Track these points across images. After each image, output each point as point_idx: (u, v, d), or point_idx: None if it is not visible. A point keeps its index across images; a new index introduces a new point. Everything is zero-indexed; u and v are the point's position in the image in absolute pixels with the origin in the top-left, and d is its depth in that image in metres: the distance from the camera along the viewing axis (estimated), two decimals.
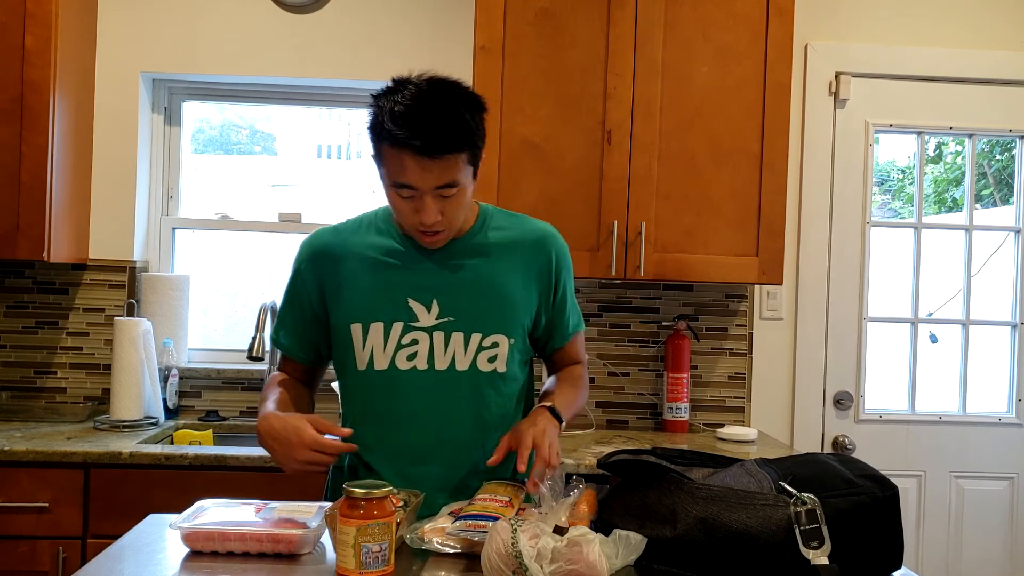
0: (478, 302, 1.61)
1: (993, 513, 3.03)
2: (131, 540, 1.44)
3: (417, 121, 1.44)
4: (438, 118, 1.45)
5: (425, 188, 1.48)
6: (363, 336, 1.61)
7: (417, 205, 1.50)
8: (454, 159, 1.47)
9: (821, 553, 1.25)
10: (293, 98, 3.04)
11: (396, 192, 1.51)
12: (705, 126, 2.60)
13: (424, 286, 1.60)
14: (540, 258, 1.67)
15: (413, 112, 1.45)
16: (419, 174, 1.46)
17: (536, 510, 1.42)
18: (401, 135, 1.44)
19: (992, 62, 3.00)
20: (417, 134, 1.43)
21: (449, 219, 1.54)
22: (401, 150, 1.45)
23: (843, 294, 3.00)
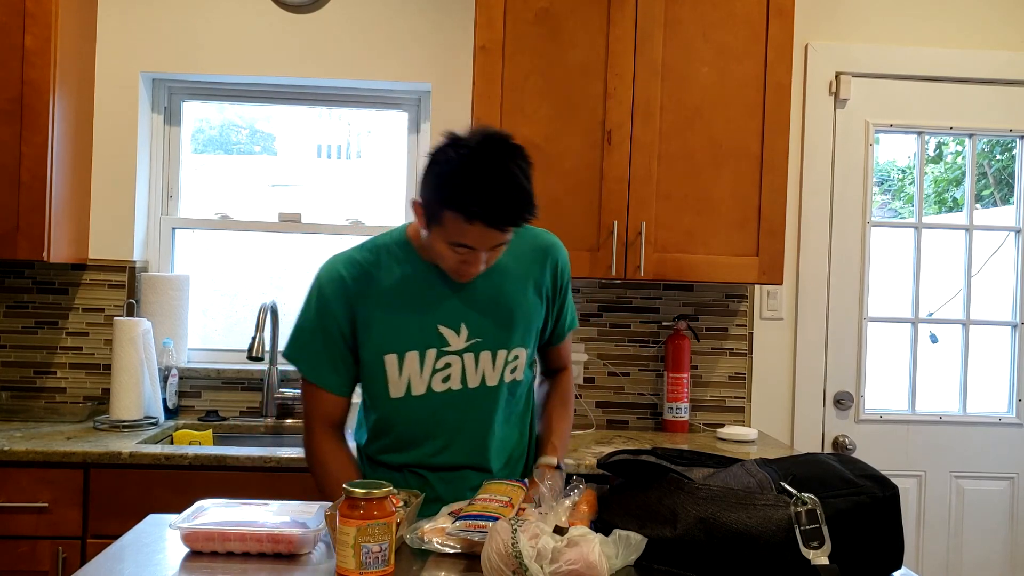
0: (501, 320, 1.69)
1: (993, 513, 3.03)
2: (131, 540, 1.44)
3: (489, 199, 1.49)
4: (508, 196, 1.51)
5: (483, 249, 1.56)
6: (399, 365, 1.66)
7: (468, 259, 1.57)
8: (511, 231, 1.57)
9: (821, 553, 1.24)
10: (293, 98, 3.04)
11: (451, 248, 1.56)
12: (705, 126, 2.60)
13: (451, 311, 1.66)
14: (547, 268, 1.77)
15: (484, 189, 1.49)
16: (481, 240, 1.54)
17: (536, 510, 1.42)
18: (474, 212, 1.49)
19: (992, 62, 3.00)
20: (490, 213, 1.49)
21: (490, 263, 1.62)
22: (470, 223, 1.50)
23: (843, 294, 3.00)
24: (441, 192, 1.53)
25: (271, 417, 2.82)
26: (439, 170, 1.53)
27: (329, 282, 1.68)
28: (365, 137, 3.40)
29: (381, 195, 3.14)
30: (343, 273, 1.67)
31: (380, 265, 1.68)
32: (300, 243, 3.07)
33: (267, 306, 2.75)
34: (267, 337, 2.76)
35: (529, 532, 1.25)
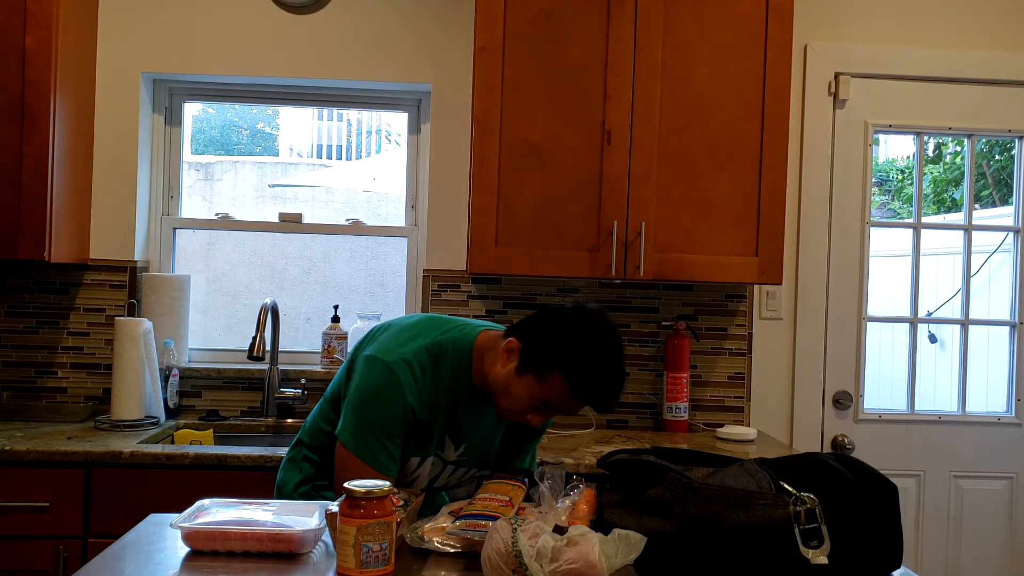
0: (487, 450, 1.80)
1: (992, 513, 3.03)
2: (131, 539, 1.45)
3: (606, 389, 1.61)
4: (619, 388, 1.63)
5: (566, 414, 1.67)
6: (418, 466, 1.73)
7: (540, 417, 1.65)
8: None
9: (821, 553, 1.25)
10: (293, 98, 3.04)
11: (534, 401, 1.62)
12: (705, 127, 2.60)
13: (459, 430, 1.73)
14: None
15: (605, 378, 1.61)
16: (571, 409, 1.65)
17: (536, 510, 1.42)
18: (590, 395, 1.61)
19: (992, 62, 3.00)
20: (602, 401, 1.61)
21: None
22: (577, 399, 1.61)
23: (843, 294, 3.01)
24: (561, 356, 1.59)
25: (271, 417, 2.83)
26: (562, 331, 1.62)
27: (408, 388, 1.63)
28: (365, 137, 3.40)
29: (381, 195, 3.15)
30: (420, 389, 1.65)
31: (438, 373, 1.68)
32: (300, 243, 3.07)
33: (267, 306, 2.75)
34: (267, 337, 2.76)
35: (529, 531, 1.25)
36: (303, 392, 2.84)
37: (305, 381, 2.87)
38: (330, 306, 2.94)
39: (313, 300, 3.08)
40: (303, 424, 1.88)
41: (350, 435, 1.63)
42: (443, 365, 1.67)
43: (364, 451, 1.61)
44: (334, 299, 2.99)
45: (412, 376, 1.63)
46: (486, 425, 1.76)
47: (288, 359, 2.95)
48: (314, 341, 3.00)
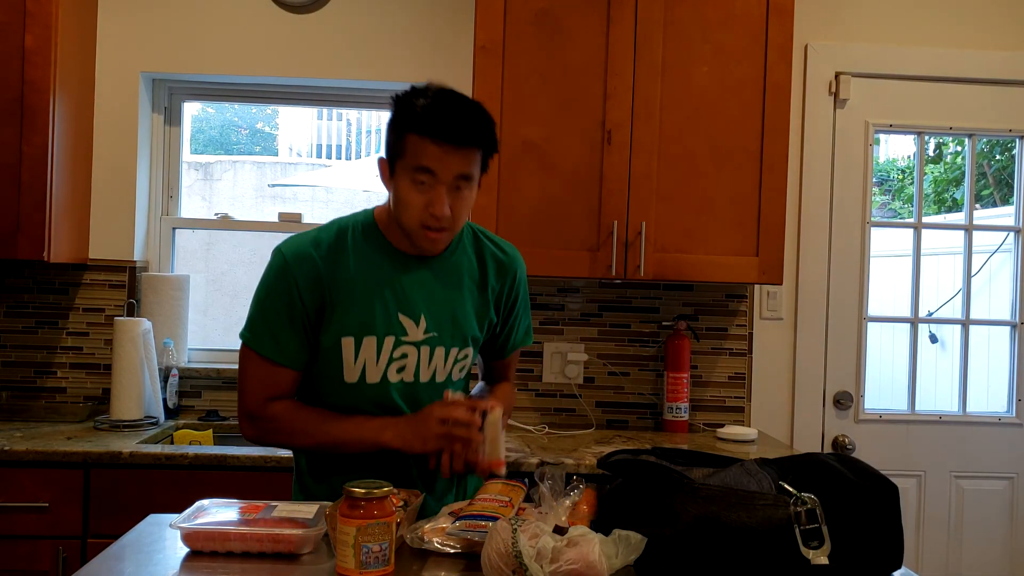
0: (457, 318, 1.69)
1: (993, 513, 3.03)
2: (131, 540, 1.44)
3: (448, 112, 1.53)
4: (466, 112, 1.55)
5: (444, 177, 1.54)
6: (355, 350, 1.63)
7: (431, 197, 1.54)
8: (474, 153, 1.56)
9: (821, 553, 1.25)
10: (293, 98, 3.04)
11: (413, 180, 1.54)
12: (705, 126, 2.60)
13: (413, 301, 1.64)
14: (507, 278, 1.77)
15: (444, 105, 1.54)
16: (441, 161, 1.53)
17: (536, 510, 1.42)
18: (433, 122, 1.52)
19: (992, 62, 3.00)
20: (448, 122, 1.52)
21: (455, 217, 1.58)
22: (429, 138, 1.52)
23: (843, 294, 3.01)
24: (401, 119, 1.55)
25: None
26: (402, 102, 1.56)
27: (297, 263, 1.61)
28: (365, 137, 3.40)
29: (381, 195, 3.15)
30: (313, 254, 1.61)
31: (345, 248, 1.64)
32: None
33: None
34: None
35: (529, 532, 1.25)
36: None
37: None
38: None
39: None
40: None
41: (247, 329, 1.64)
42: (347, 237, 1.64)
43: (258, 343, 1.61)
44: None
45: (302, 255, 1.60)
46: (439, 291, 1.66)
47: None
48: None
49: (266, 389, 1.64)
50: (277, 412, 1.64)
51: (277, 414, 1.64)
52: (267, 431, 1.66)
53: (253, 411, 1.65)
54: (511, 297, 1.79)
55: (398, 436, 1.60)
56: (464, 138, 1.53)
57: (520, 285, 1.80)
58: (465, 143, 1.53)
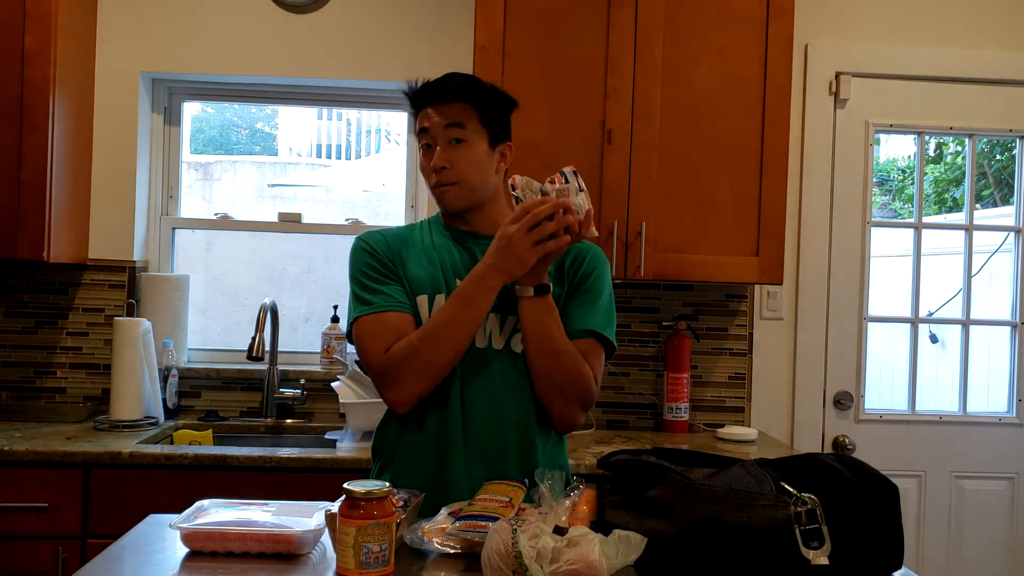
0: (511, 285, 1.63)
1: (993, 513, 3.03)
2: (131, 540, 1.44)
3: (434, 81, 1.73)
4: (451, 77, 1.75)
5: (436, 131, 1.68)
6: (429, 307, 1.68)
7: (431, 154, 1.69)
8: (461, 107, 1.69)
9: (821, 553, 1.24)
10: (293, 98, 3.04)
11: (420, 150, 1.72)
12: (705, 126, 2.60)
13: (469, 268, 1.66)
14: (573, 262, 1.74)
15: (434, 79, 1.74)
16: (430, 119, 1.70)
17: (536, 510, 1.42)
18: (420, 90, 1.73)
19: (993, 62, 3.00)
20: (431, 86, 1.72)
21: (459, 170, 1.68)
22: (421, 105, 1.72)
23: (843, 294, 3.00)
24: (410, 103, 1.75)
25: (271, 417, 2.82)
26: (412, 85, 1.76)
27: (368, 236, 1.75)
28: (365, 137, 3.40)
29: (381, 195, 3.15)
30: (383, 234, 1.77)
31: (413, 235, 1.78)
32: (300, 243, 3.07)
33: (267, 306, 2.75)
34: (267, 337, 2.76)
35: (529, 532, 1.25)
36: (302, 392, 2.84)
37: (304, 381, 2.86)
38: (330, 306, 2.94)
39: (313, 300, 3.07)
40: None
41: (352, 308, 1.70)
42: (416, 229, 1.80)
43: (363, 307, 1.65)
44: (334, 299, 2.98)
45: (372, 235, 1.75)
46: None
47: (287, 359, 2.95)
48: (313, 341, 3.00)
49: (385, 340, 1.63)
50: (395, 349, 1.62)
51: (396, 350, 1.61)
52: (401, 375, 1.61)
53: (383, 370, 1.62)
54: (579, 271, 1.72)
55: (498, 271, 1.58)
56: (444, 93, 1.69)
57: (589, 263, 1.73)
58: (445, 98, 1.69)
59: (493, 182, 1.75)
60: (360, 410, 2.50)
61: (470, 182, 1.69)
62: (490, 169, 1.73)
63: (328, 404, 2.88)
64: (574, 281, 1.73)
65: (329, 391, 2.77)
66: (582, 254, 1.75)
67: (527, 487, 1.58)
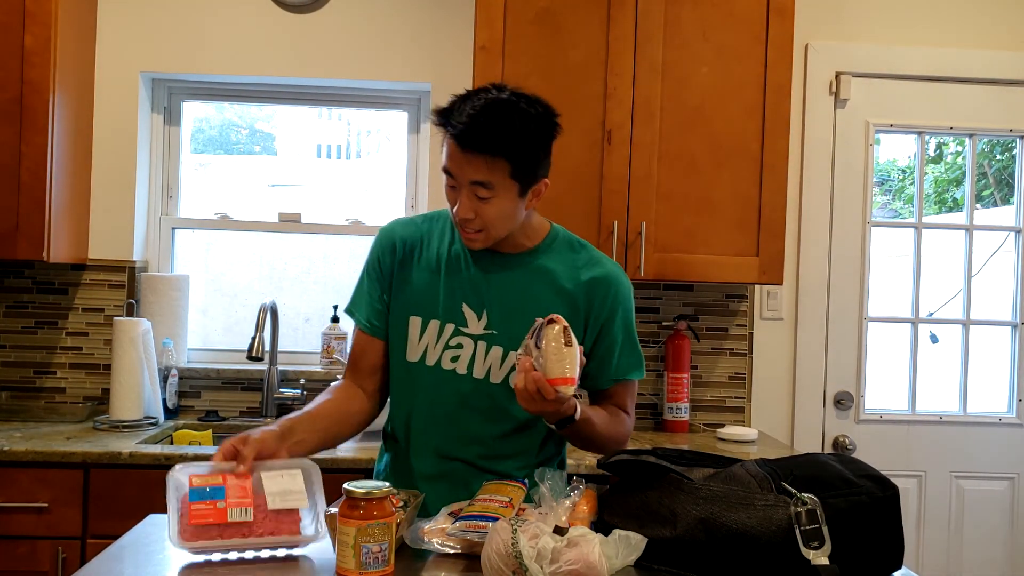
0: (521, 323, 1.57)
1: (993, 513, 3.03)
2: (131, 540, 1.44)
3: (469, 116, 1.49)
4: (487, 119, 1.49)
5: (461, 181, 1.53)
6: (421, 329, 1.66)
7: (456, 196, 1.56)
8: (490, 161, 1.50)
9: (821, 553, 1.24)
10: (293, 98, 3.04)
11: (445, 179, 1.57)
12: (705, 126, 2.60)
13: (479, 295, 1.64)
14: (592, 299, 1.66)
15: (471, 107, 1.50)
16: (457, 164, 1.52)
17: (536, 510, 1.42)
18: (446, 119, 1.51)
19: (992, 62, 3.00)
20: (460, 123, 1.49)
21: (484, 222, 1.56)
22: (447, 136, 1.52)
23: (843, 294, 3.00)
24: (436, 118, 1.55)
25: (271, 417, 2.82)
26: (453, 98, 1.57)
27: (384, 237, 1.73)
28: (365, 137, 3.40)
29: (381, 195, 3.14)
30: (398, 232, 1.72)
31: (432, 234, 1.70)
32: (300, 243, 3.07)
33: (267, 306, 2.74)
34: (267, 337, 2.76)
35: (529, 532, 1.25)
36: (302, 392, 2.84)
37: (304, 381, 2.86)
38: (330, 306, 2.94)
39: (313, 300, 3.07)
40: None
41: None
42: (437, 226, 1.71)
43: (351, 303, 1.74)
44: (334, 299, 2.98)
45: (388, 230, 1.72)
46: (511, 292, 1.64)
47: (287, 359, 2.95)
48: (313, 341, 3.00)
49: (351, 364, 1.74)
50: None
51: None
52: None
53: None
54: (603, 317, 1.66)
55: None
56: (471, 142, 1.48)
57: (617, 306, 1.66)
58: (474, 147, 1.48)
59: (523, 217, 1.64)
60: None
61: (497, 231, 1.59)
62: (519, 212, 1.61)
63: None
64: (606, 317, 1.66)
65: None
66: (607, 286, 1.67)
67: (527, 487, 1.58)
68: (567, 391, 1.43)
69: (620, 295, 1.68)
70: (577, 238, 1.75)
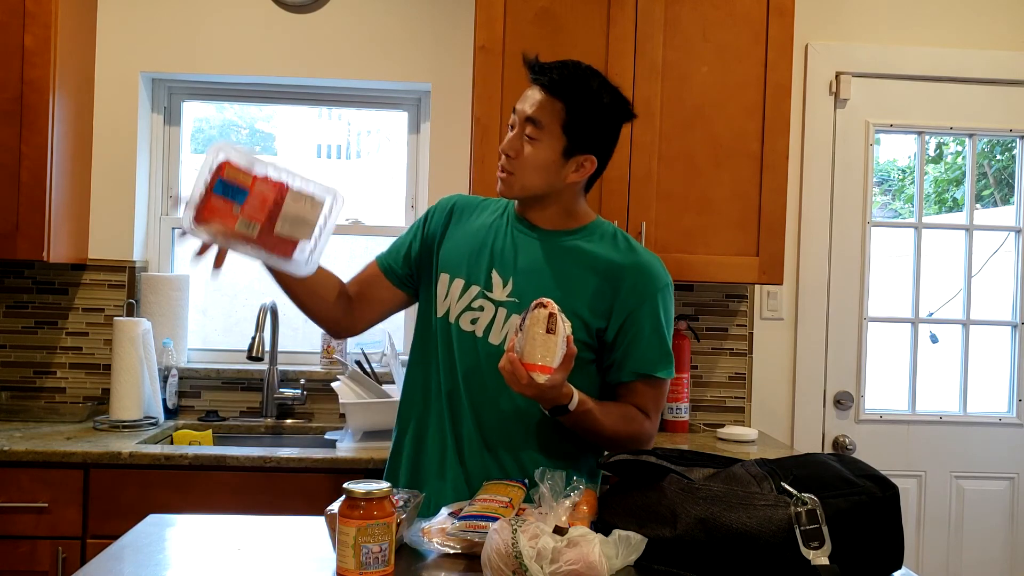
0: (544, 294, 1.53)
1: (993, 513, 3.03)
2: (131, 540, 1.44)
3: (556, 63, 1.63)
4: (568, 66, 1.63)
5: (520, 115, 1.64)
6: (447, 286, 1.72)
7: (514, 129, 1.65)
8: (551, 103, 1.61)
9: (821, 553, 1.24)
10: (293, 98, 3.04)
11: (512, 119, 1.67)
12: (705, 126, 2.60)
13: (509, 263, 1.69)
14: (618, 284, 1.65)
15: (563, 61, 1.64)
16: (524, 99, 1.64)
17: (536, 511, 1.42)
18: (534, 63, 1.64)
19: (992, 62, 3.00)
20: (542, 64, 1.63)
21: (519, 164, 1.64)
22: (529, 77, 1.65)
23: (843, 294, 3.00)
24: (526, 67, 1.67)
25: (271, 417, 2.82)
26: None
27: (444, 201, 1.84)
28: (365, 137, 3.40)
29: (381, 195, 3.14)
30: (457, 200, 1.83)
31: (488, 209, 1.79)
32: None
33: (267, 306, 2.74)
34: (267, 337, 2.76)
35: (529, 532, 1.25)
36: (302, 392, 2.84)
37: (304, 381, 2.86)
38: None
39: None
40: None
41: None
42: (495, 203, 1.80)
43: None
44: None
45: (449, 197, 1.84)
46: (543, 266, 1.66)
47: (287, 359, 2.95)
48: (313, 341, 3.00)
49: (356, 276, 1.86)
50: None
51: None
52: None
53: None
54: (630, 304, 1.64)
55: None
56: (542, 77, 1.60)
57: (647, 297, 1.65)
58: (543, 86, 1.60)
59: (559, 186, 1.67)
60: (360, 410, 2.50)
61: (525, 180, 1.65)
62: (555, 175, 1.65)
63: (328, 404, 2.88)
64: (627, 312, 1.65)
65: (329, 391, 2.77)
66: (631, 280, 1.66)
67: (527, 487, 1.58)
68: (539, 378, 1.44)
69: (653, 286, 1.66)
70: (623, 232, 1.77)
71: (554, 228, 1.71)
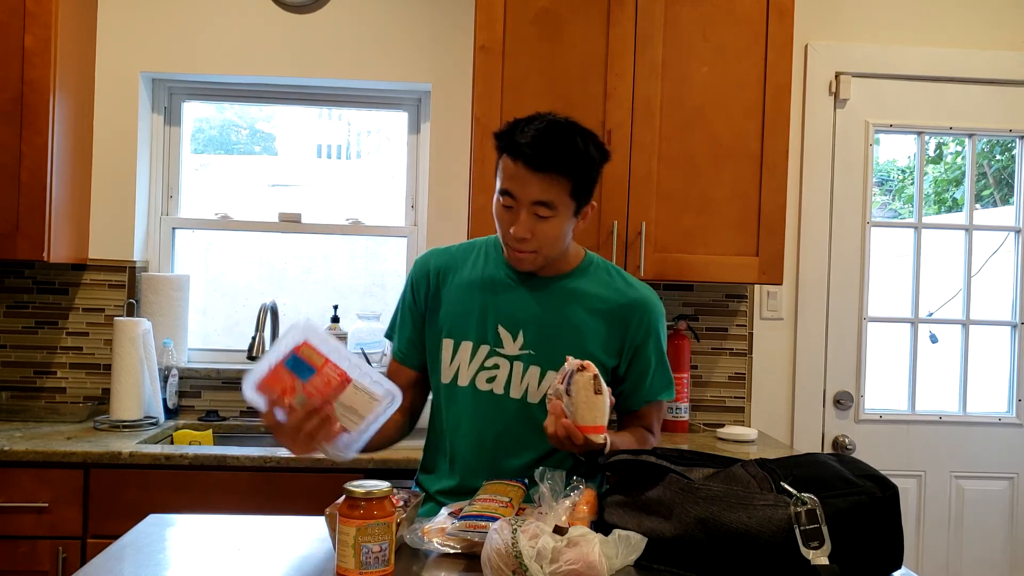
0: (558, 343, 1.67)
1: (993, 513, 3.03)
2: (131, 540, 1.44)
3: (532, 135, 1.57)
4: (553, 139, 1.58)
5: (523, 200, 1.59)
6: (452, 352, 1.72)
7: (513, 217, 1.61)
8: (555, 180, 1.58)
9: (821, 553, 1.24)
10: (293, 98, 3.04)
11: (500, 200, 1.62)
12: (705, 126, 2.60)
13: (514, 316, 1.70)
14: (626, 323, 1.72)
15: (532, 128, 1.59)
16: (521, 184, 1.58)
17: (536, 510, 1.42)
18: (516, 144, 1.58)
19: (992, 62, 3.00)
20: (528, 144, 1.56)
21: (540, 242, 1.62)
22: (513, 159, 1.58)
23: (843, 294, 3.00)
24: (500, 138, 1.62)
25: None
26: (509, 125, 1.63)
27: (419, 264, 1.81)
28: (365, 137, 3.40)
29: (381, 195, 3.15)
30: (432, 259, 1.80)
31: (468, 260, 1.77)
32: (300, 243, 3.07)
33: (267, 306, 2.74)
34: (267, 337, 2.76)
35: (529, 532, 1.25)
36: None
37: None
38: (330, 306, 2.94)
39: (313, 300, 3.07)
40: None
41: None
42: (474, 252, 1.78)
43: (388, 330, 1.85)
44: (334, 299, 2.99)
45: (423, 258, 1.80)
46: (548, 313, 1.69)
47: None
48: None
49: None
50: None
51: None
52: None
53: None
54: (638, 340, 1.72)
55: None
56: (540, 162, 1.55)
57: (651, 330, 1.73)
58: (540, 167, 1.55)
59: (570, 239, 1.71)
60: None
61: (550, 253, 1.66)
62: (569, 233, 1.68)
63: None
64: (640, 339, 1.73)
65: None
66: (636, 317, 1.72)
67: (527, 487, 1.58)
68: (597, 439, 1.49)
69: (654, 319, 1.75)
70: (612, 264, 1.80)
71: (552, 273, 1.73)
